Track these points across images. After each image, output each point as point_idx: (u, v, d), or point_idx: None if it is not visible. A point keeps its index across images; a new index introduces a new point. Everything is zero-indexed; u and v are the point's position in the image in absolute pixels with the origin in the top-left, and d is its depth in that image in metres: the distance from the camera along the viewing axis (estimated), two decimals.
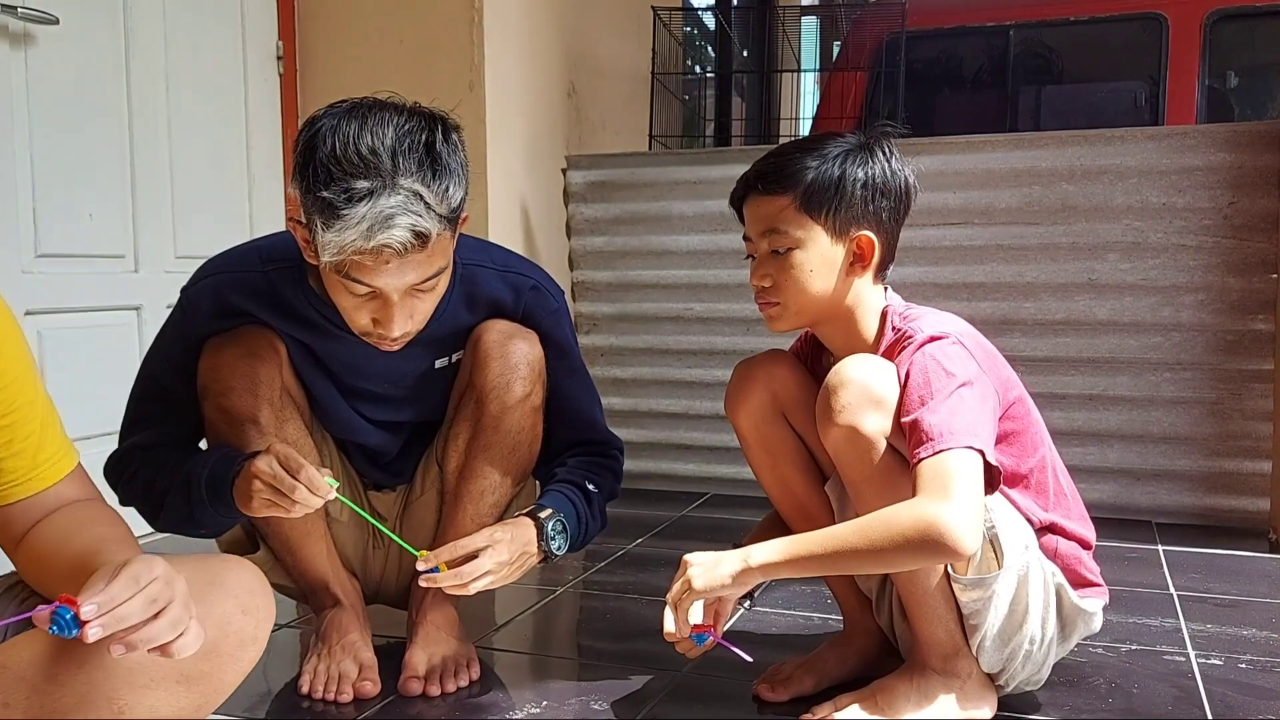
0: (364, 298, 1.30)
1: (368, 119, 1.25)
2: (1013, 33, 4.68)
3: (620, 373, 3.05)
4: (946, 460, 1.22)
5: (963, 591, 1.33)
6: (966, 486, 1.21)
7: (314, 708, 1.49)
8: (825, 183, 1.34)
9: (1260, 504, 2.49)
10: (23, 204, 2.19)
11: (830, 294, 1.38)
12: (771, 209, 1.37)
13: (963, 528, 1.19)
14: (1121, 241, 2.56)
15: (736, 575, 1.28)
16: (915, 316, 1.38)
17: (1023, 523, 1.37)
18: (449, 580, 1.37)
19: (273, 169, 2.89)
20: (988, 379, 1.32)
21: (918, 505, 1.21)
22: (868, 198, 1.36)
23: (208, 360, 1.46)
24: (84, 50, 2.32)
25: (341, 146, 1.22)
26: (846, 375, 1.32)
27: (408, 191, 1.22)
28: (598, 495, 1.57)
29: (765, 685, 1.51)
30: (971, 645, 1.36)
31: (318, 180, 1.22)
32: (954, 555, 1.21)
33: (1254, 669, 1.64)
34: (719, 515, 2.73)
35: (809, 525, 1.54)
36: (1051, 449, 1.44)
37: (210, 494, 1.38)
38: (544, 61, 3.32)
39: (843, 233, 1.36)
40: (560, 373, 1.60)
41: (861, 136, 1.40)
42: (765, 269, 1.39)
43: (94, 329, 2.37)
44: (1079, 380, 2.62)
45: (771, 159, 1.40)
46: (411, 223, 1.21)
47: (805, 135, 1.56)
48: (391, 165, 1.22)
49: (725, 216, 2.89)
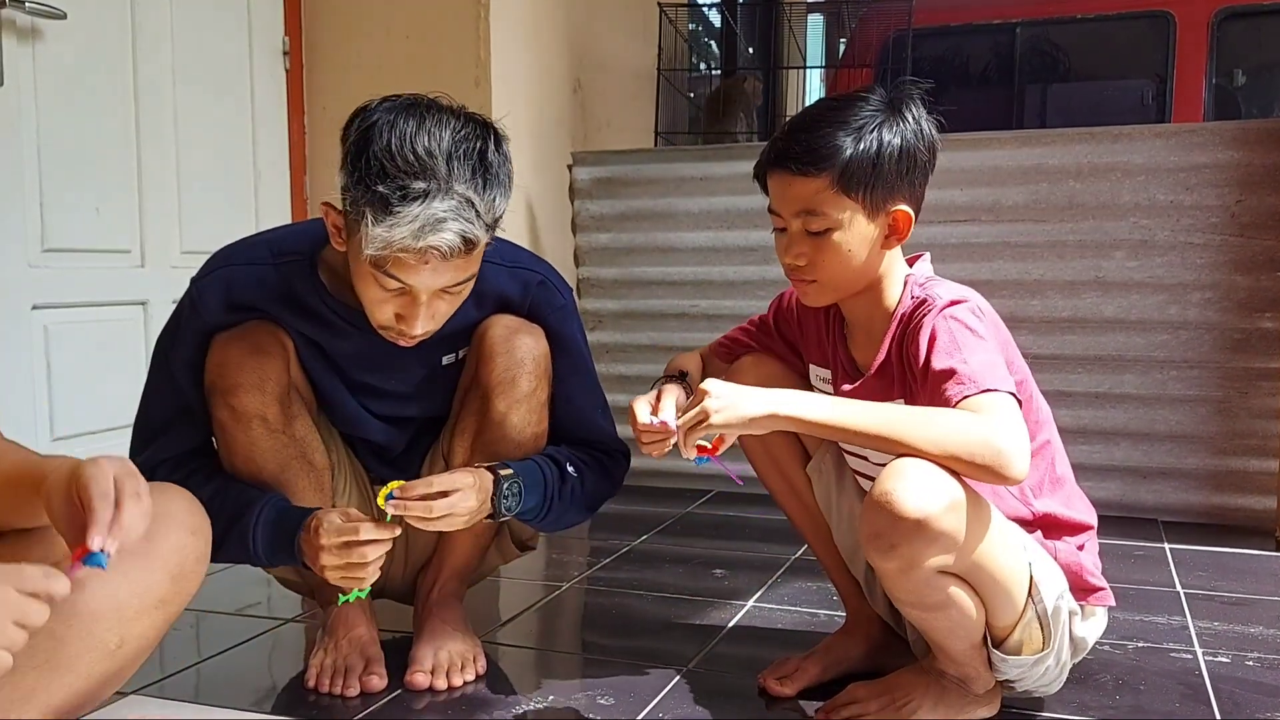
0: (393, 293, 1.31)
1: (425, 119, 1.26)
2: (1019, 30, 4.67)
3: (625, 369, 3.05)
4: (996, 399, 1.19)
5: (1000, 662, 1.31)
6: (1020, 425, 1.19)
7: (320, 701, 1.49)
8: (863, 161, 1.29)
9: (1267, 502, 2.48)
10: (29, 198, 2.19)
11: (867, 269, 1.36)
12: (806, 190, 1.31)
13: (1020, 461, 1.16)
14: (1128, 239, 2.55)
15: (759, 419, 1.22)
16: (934, 284, 1.37)
17: (1053, 566, 1.33)
18: (418, 510, 1.34)
19: (279, 164, 2.89)
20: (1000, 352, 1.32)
21: (987, 423, 1.17)
22: (902, 170, 1.32)
23: (215, 358, 1.46)
24: (91, 45, 2.32)
25: (398, 143, 1.23)
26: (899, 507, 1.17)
27: (460, 197, 1.24)
28: (575, 480, 1.54)
29: (772, 678, 1.51)
30: (994, 669, 1.35)
31: (371, 173, 1.23)
32: (1004, 480, 1.17)
33: (1261, 666, 1.64)
34: (724, 512, 2.73)
35: (801, 507, 1.56)
36: (1055, 435, 1.42)
37: (272, 559, 1.44)
38: (550, 57, 3.32)
39: (879, 209, 1.32)
40: (565, 369, 1.60)
41: (886, 95, 1.34)
42: (800, 248, 1.34)
43: (100, 323, 2.37)
44: (1086, 378, 2.61)
45: (802, 134, 1.31)
46: (462, 229, 1.24)
47: (827, 99, 1.47)
48: (447, 169, 1.24)
49: (731, 213, 2.90)
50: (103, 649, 1.10)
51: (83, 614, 1.06)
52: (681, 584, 2.08)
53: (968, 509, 1.19)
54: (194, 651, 1.72)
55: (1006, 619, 1.28)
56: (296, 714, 1.46)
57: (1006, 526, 1.28)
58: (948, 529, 1.17)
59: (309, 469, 1.51)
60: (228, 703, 1.50)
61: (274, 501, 1.44)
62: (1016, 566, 1.27)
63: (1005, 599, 1.27)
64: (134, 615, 1.11)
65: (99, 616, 1.08)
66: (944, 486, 1.17)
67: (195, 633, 1.82)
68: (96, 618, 1.08)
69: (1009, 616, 1.28)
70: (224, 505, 1.43)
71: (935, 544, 1.17)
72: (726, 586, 2.06)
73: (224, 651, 1.72)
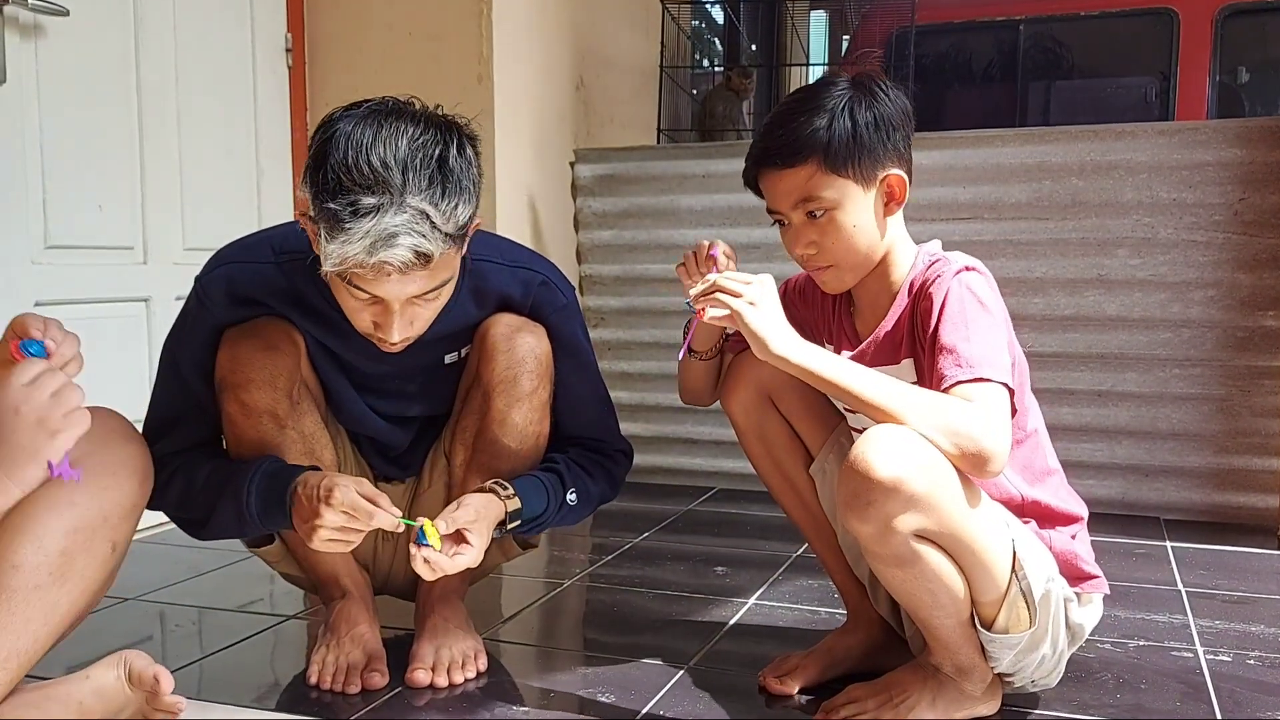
0: (365, 302, 1.30)
1: (382, 127, 1.23)
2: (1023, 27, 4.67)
3: (627, 367, 3.05)
4: (988, 391, 1.23)
5: (989, 643, 1.32)
6: (1005, 419, 1.22)
7: (322, 698, 1.49)
8: (843, 138, 1.32)
9: (1269, 501, 2.48)
10: (32, 195, 2.19)
11: (877, 242, 1.38)
12: (797, 180, 1.34)
13: (998, 460, 1.20)
14: (1131, 237, 2.55)
15: (770, 350, 1.24)
16: (948, 253, 1.40)
17: (1043, 550, 1.35)
18: (435, 564, 1.35)
19: (281, 161, 2.89)
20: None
21: (975, 415, 1.20)
22: (883, 137, 1.34)
23: (226, 353, 1.47)
24: (94, 42, 2.32)
25: (354, 155, 1.21)
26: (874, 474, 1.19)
27: (414, 210, 1.21)
28: (576, 505, 1.55)
29: (772, 677, 1.51)
30: (988, 657, 1.36)
31: (326, 188, 1.22)
32: (978, 473, 1.21)
33: (1262, 665, 1.64)
34: (725, 510, 2.73)
35: (802, 506, 1.56)
36: (1042, 424, 1.44)
37: (263, 517, 1.41)
38: (553, 55, 3.32)
39: (871, 178, 1.35)
40: (568, 369, 1.60)
41: (850, 77, 1.38)
42: (807, 236, 1.36)
43: (103, 320, 2.38)
44: (1088, 376, 2.61)
45: (778, 130, 1.35)
46: (414, 243, 1.20)
47: (794, 92, 1.50)
48: (401, 181, 1.21)
49: (733, 210, 2.90)
50: (102, 555, 1.23)
51: (82, 528, 1.20)
52: (683, 581, 2.08)
53: (945, 477, 1.21)
54: (196, 648, 1.73)
55: (990, 594, 1.29)
56: (298, 711, 1.46)
57: (987, 501, 1.29)
58: (921, 490, 1.18)
59: (316, 465, 1.51)
60: (230, 699, 1.50)
61: (272, 460, 1.44)
62: (998, 539, 1.28)
63: (985, 572, 1.27)
64: (119, 520, 1.25)
65: (95, 527, 1.21)
66: (919, 450, 1.19)
67: (198, 629, 1.83)
68: (93, 529, 1.21)
69: (992, 592, 1.29)
70: (221, 476, 1.44)
71: (909, 505, 1.19)
72: (728, 584, 2.06)
73: (226, 648, 1.72)
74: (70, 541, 1.18)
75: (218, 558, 2.17)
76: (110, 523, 1.23)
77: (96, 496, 1.21)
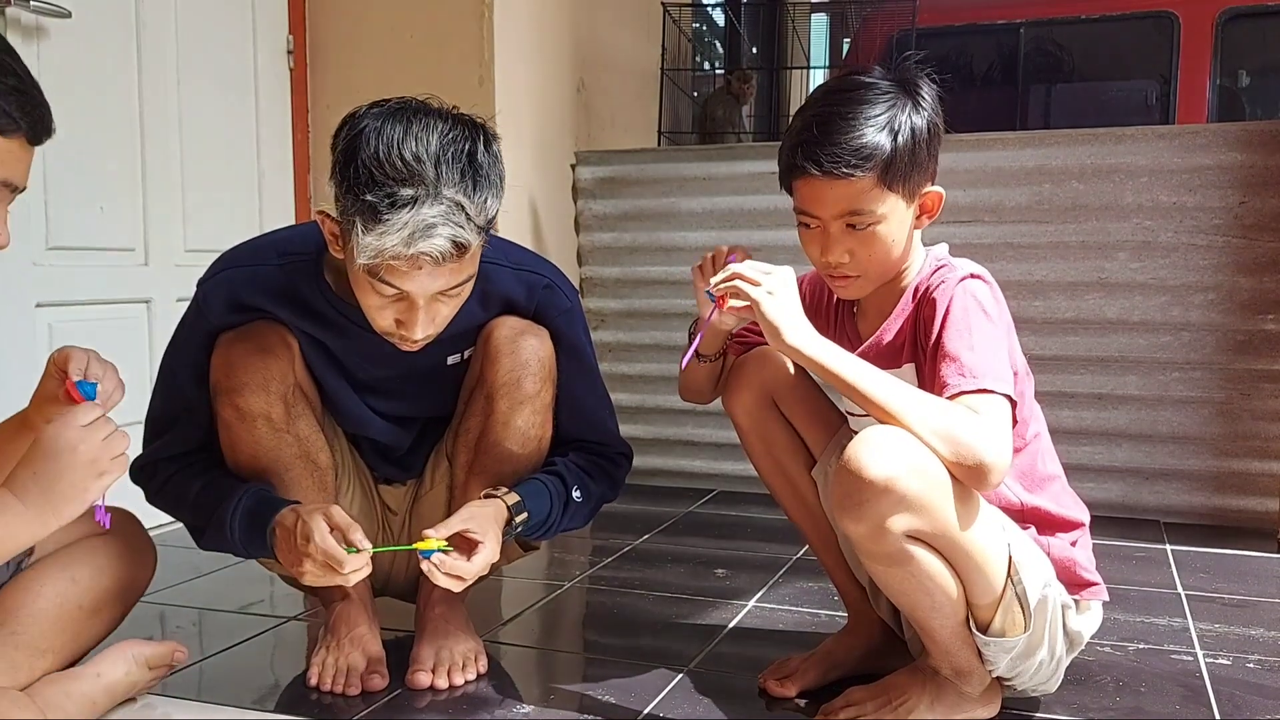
0: (390, 299, 1.31)
1: (412, 123, 1.25)
2: (1023, 30, 4.67)
3: (628, 369, 3.06)
4: (991, 403, 1.23)
5: (985, 646, 1.32)
6: (1007, 432, 1.23)
7: (322, 700, 1.50)
8: (903, 155, 1.30)
9: (1269, 504, 2.48)
10: (34, 196, 2.19)
11: (904, 253, 1.38)
12: (849, 191, 1.30)
13: (997, 474, 1.20)
14: (1131, 240, 2.55)
15: (784, 341, 1.25)
16: (954, 260, 1.40)
17: (1040, 556, 1.35)
18: (452, 571, 1.36)
19: (283, 163, 2.89)
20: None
21: (979, 428, 1.20)
22: (933, 150, 1.35)
23: (220, 357, 1.47)
24: (95, 44, 2.32)
25: (385, 150, 1.23)
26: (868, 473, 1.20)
27: (450, 202, 1.23)
28: (581, 502, 1.55)
29: (772, 679, 1.51)
30: (984, 660, 1.36)
31: (359, 182, 1.23)
32: (975, 485, 1.21)
33: (1262, 669, 1.64)
34: (726, 512, 2.73)
35: (803, 508, 1.56)
36: (1044, 429, 1.44)
37: (248, 548, 1.44)
38: (554, 57, 3.32)
39: (915, 194, 1.35)
40: (570, 371, 1.60)
41: (896, 76, 1.35)
42: (844, 245, 1.33)
43: (104, 322, 2.38)
44: (1088, 379, 2.61)
45: (836, 136, 1.29)
46: (452, 233, 1.23)
47: (835, 92, 1.42)
48: (435, 174, 1.23)
49: (734, 212, 2.90)
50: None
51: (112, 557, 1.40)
52: (683, 583, 2.08)
53: (938, 478, 1.21)
54: (196, 649, 1.73)
55: (985, 597, 1.29)
56: (298, 713, 1.46)
57: (983, 504, 1.29)
58: (913, 491, 1.18)
59: (312, 468, 1.51)
60: (230, 701, 1.50)
61: (254, 490, 1.44)
62: (993, 542, 1.28)
63: (980, 575, 1.27)
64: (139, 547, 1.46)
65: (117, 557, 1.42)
66: (912, 452, 1.19)
67: (198, 631, 1.83)
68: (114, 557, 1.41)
69: (988, 595, 1.28)
70: (211, 496, 1.46)
71: (901, 506, 1.19)
72: (728, 586, 2.06)
73: (226, 650, 1.72)
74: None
75: (218, 559, 2.15)
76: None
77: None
